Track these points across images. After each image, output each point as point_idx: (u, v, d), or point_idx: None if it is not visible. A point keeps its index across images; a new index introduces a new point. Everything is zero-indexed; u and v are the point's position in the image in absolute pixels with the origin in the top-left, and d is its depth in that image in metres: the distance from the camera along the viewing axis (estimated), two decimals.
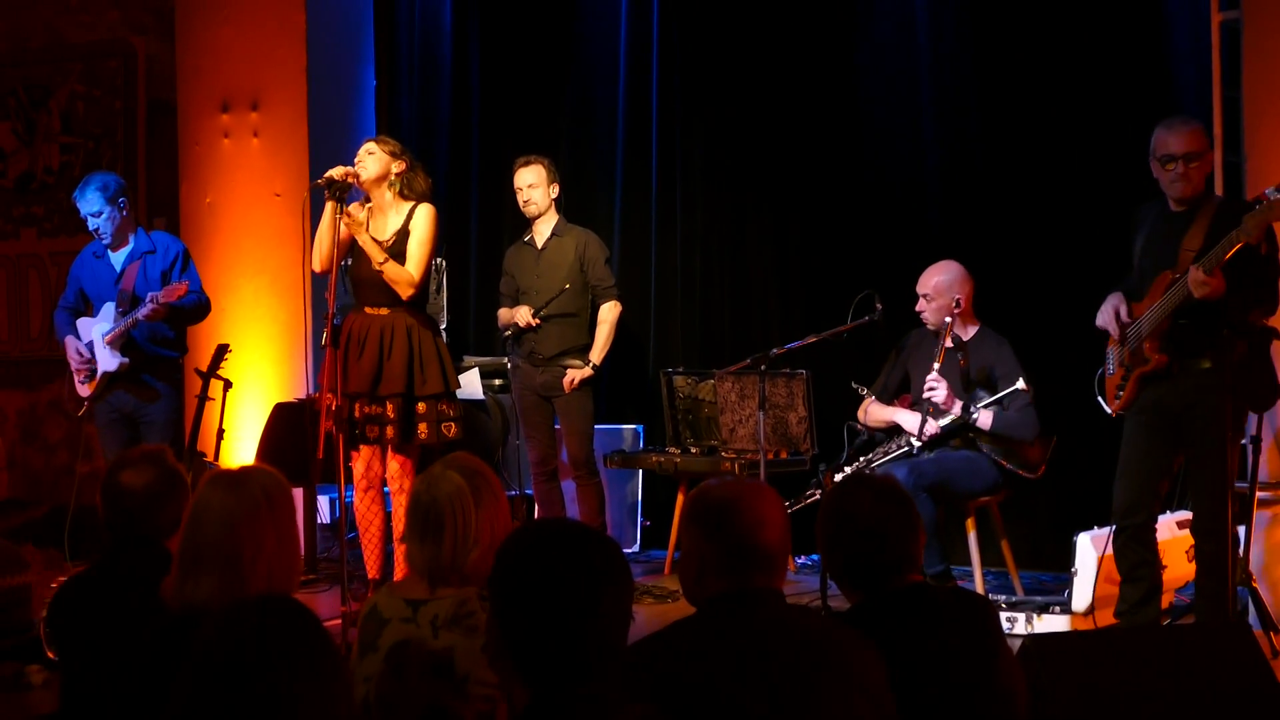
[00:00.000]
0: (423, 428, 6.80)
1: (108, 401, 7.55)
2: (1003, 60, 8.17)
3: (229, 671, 2.38)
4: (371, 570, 6.97)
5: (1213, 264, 5.45)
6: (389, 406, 6.75)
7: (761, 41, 8.84)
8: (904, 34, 8.50)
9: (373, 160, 6.85)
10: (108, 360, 7.43)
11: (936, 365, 6.99)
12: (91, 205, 7.51)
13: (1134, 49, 7.83)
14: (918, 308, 7.13)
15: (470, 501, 3.64)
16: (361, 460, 6.88)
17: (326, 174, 6.63)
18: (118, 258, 7.60)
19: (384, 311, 6.85)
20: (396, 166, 6.87)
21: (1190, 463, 5.91)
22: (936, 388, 6.92)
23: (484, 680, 3.46)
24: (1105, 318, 6.03)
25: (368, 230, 6.82)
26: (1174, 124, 5.89)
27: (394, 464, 6.81)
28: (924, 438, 6.97)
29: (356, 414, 6.78)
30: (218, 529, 3.41)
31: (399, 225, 6.86)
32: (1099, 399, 6.19)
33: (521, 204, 7.78)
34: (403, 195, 6.89)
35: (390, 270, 6.75)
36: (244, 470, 3.61)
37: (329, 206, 6.61)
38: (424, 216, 6.84)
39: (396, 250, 6.81)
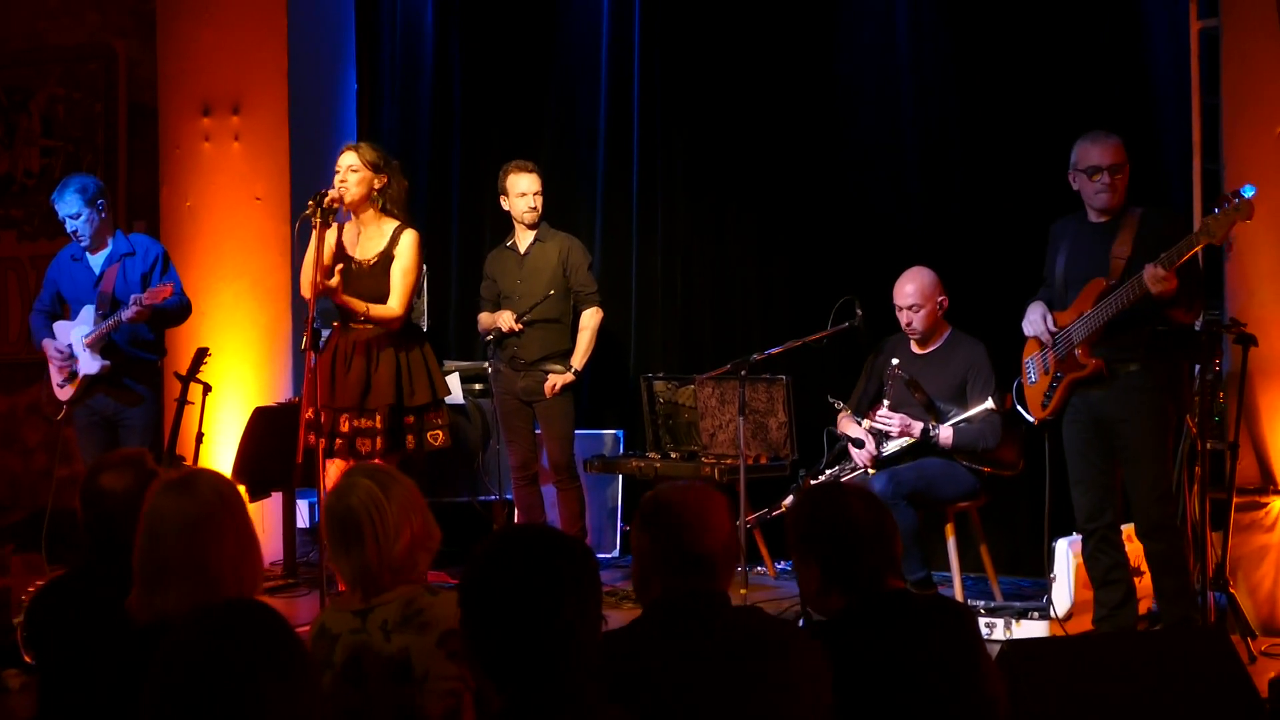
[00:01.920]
0: (409, 439, 6.81)
1: (87, 405, 7.53)
2: (983, 68, 8.19)
3: (198, 676, 2.38)
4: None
5: (1171, 262, 5.55)
6: (377, 418, 6.76)
7: (743, 46, 8.85)
8: (885, 39, 8.52)
9: (355, 179, 6.83)
10: (88, 363, 7.41)
11: (887, 403, 7.05)
12: (70, 207, 7.48)
13: (1113, 56, 7.87)
14: (903, 321, 7.12)
15: (381, 498, 3.65)
16: (332, 473, 6.79)
17: (313, 200, 6.63)
18: (96, 260, 7.58)
19: (369, 327, 6.87)
20: (378, 182, 6.86)
21: (1126, 466, 5.98)
22: (889, 427, 6.98)
23: (444, 674, 3.48)
24: (1037, 327, 6.12)
25: (343, 248, 6.88)
26: (1098, 137, 6.06)
27: None
28: (866, 464, 7.05)
29: (344, 428, 6.79)
30: (178, 535, 3.39)
31: (383, 246, 6.88)
32: (1018, 408, 6.27)
33: (526, 209, 7.75)
34: (386, 210, 6.89)
35: (374, 313, 6.79)
36: (192, 474, 3.60)
37: (315, 234, 6.61)
38: (408, 246, 6.85)
39: (378, 270, 6.83)
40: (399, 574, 3.65)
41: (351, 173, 6.84)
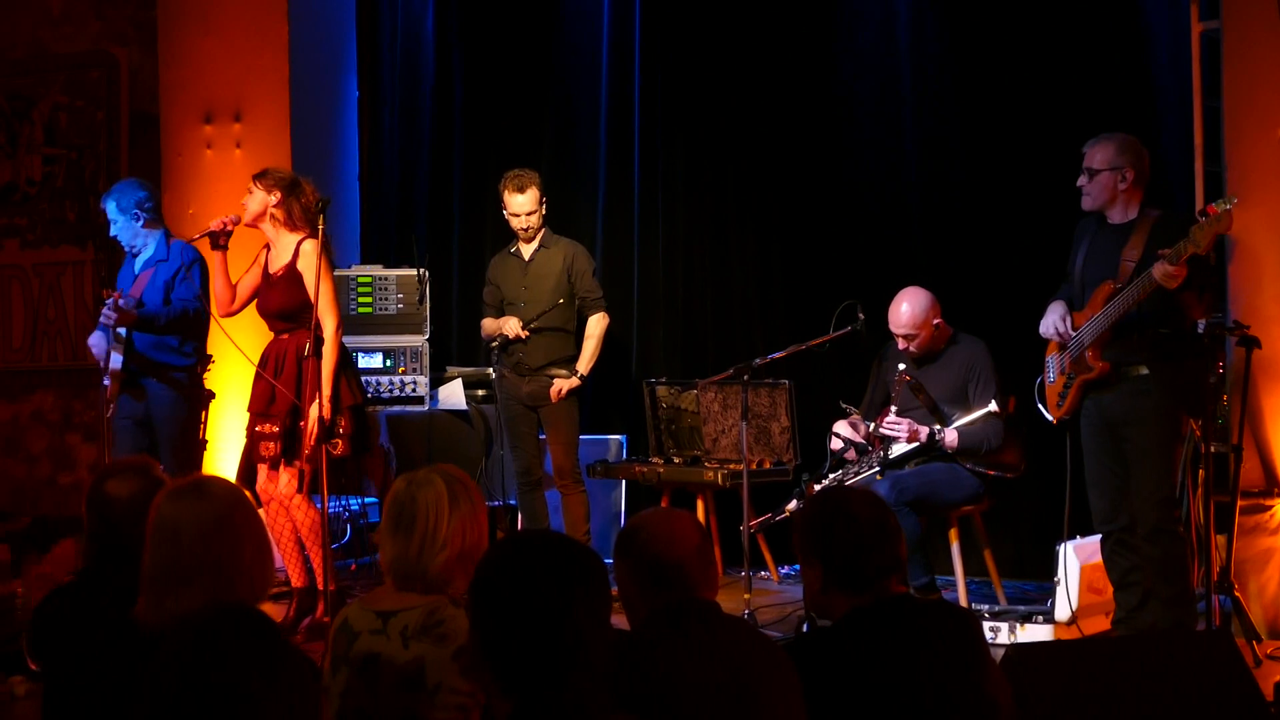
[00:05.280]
0: (307, 444, 6.77)
1: (120, 403, 7.57)
2: (984, 72, 8.20)
3: (191, 684, 2.38)
4: (295, 579, 7.08)
5: (1178, 256, 5.53)
6: (278, 424, 6.91)
7: (744, 52, 8.86)
8: (885, 44, 8.52)
9: (250, 200, 7.06)
10: (112, 361, 7.49)
11: (894, 408, 7.06)
12: (109, 213, 7.59)
13: (1114, 59, 7.86)
14: (900, 345, 7.13)
15: (445, 504, 3.68)
16: (260, 477, 7.05)
17: (207, 226, 7.00)
18: (138, 263, 7.66)
19: (284, 336, 7.04)
20: (273, 198, 7.00)
21: (1131, 468, 5.98)
22: (898, 434, 6.99)
23: (455, 688, 3.48)
24: (1055, 328, 6.10)
25: (266, 264, 7.12)
26: (1093, 139, 6.13)
27: (279, 478, 6.97)
28: (875, 467, 7.07)
29: (249, 433, 7.04)
30: (195, 540, 3.39)
31: (287, 259, 7.00)
32: (1039, 406, 6.27)
33: (519, 229, 7.74)
34: (288, 225, 7.02)
35: (329, 362, 6.84)
36: (201, 480, 3.61)
37: (217, 257, 7.04)
38: (309, 256, 6.87)
39: (285, 281, 6.98)
40: (432, 584, 3.67)
41: (248, 193, 7.09)
